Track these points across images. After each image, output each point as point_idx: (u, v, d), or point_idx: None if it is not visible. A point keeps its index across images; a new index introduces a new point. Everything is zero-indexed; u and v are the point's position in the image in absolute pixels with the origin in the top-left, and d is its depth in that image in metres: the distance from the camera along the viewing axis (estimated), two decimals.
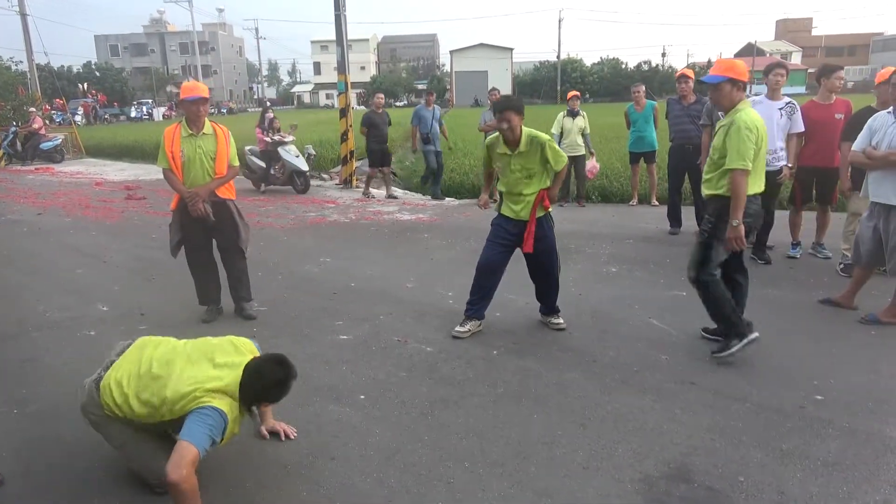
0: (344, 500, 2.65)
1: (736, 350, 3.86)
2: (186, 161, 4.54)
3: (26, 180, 14.14)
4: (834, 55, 64.79)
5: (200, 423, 2.44)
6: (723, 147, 3.76)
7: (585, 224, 8.10)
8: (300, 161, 11.32)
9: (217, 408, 2.48)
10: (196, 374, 2.58)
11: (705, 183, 3.98)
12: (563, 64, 64.62)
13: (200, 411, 2.46)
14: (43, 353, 4.26)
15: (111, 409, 2.62)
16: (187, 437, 2.40)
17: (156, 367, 2.64)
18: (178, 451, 2.35)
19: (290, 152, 11.20)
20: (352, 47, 35.89)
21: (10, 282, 6.01)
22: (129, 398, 2.59)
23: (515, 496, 2.66)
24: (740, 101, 3.81)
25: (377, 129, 10.47)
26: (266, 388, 2.61)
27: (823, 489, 2.65)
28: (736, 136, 3.67)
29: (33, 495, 2.70)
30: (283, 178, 11.42)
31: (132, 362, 2.71)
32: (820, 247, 6.26)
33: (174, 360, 2.67)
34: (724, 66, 3.85)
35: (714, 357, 3.93)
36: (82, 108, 42.00)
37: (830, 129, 5.83)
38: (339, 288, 5.62)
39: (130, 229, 8.45)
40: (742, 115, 3.72)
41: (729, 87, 3.79)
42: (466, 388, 3.64)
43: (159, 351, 2.75)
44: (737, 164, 3.66)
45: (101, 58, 69.75)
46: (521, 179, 4.26)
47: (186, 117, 4.57)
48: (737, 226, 3.72)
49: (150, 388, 2.58)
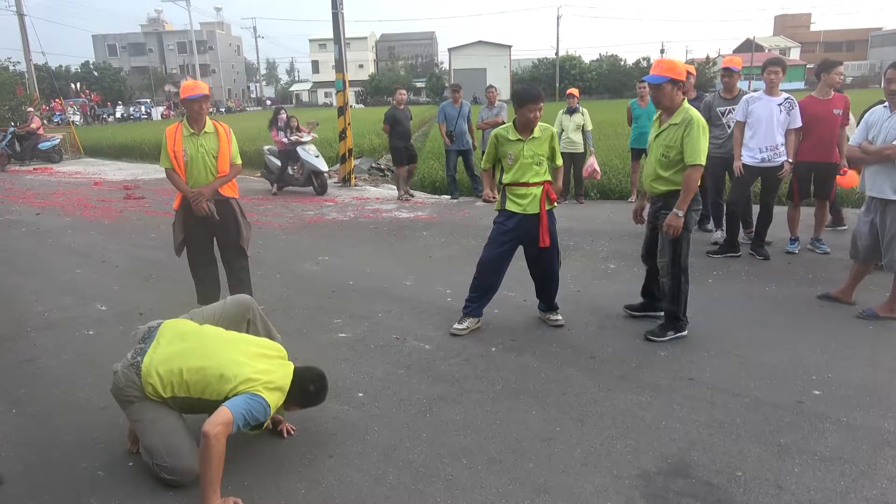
0: (342, 498, 2.66)
1: (667, 340, 4.15)
2: (189, 160, 4.53)
3: (25, 180, 14.14)
4: (832, 51, 64.83)
5: (245, 404, 2.60)
6: (679, 144, 3.93)
7: (584, 221, 8.10)
8: (320, 161, 10.93)
9: (267, 401, 2.66)
10: (260, 364, 2.78)
11: (658, 180, 4.12)
12: (561, 61, 64.58)
13: (253, 397, 2.63)
14: (42, 353, 4.26)
15: (155, 389, 2.73)
16: (230, 405, 2.57)
17: (211, 343, 2.85)
18: (218, 412, 2.54)
19: (309, 152, 10.85)
20: (350, 45, 35.91)
21: (9, 282, 6.01)
22: (181, 372, 2.72)
23: (514, 492, 2.66)
24: (682, 100, 4.00)
25: (400, 126, 10.12)
26: (309, 396, 2.92)
27: (821, 483, 2.66)
28: (695, 134, 3.86)
29: (33, 495, 2.70)
30: (302, 178, 11.08)
31: (176, 342, 2.84)
32: (818, 242, 6.26)
33: (230, 342, 2.88)
34: (664, 67, 3.99)
35: (647, 338, 4.18)
36: (80, 108, 41.93)
37: (828, 124, 5.84)
38: (338, 286, 5.62)
39: (129, 229, 8.45)
40: (695, 113, 3.94)
41: (670, 87, 3.96)
42: (465, 386, 3.65)
43: (206, 330, 2.95)
44: (697, 161, 3.87)
45: (99, 57, 69.67)
46: (531, 166, 4.26)
47: (187, 116, 4.56)
48: (681, 216, 3.96)
49: (206, 362, 2.74)
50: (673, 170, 4.03)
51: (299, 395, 2.88)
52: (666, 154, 4.02)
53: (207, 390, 2.70)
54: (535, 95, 4.16)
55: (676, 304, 4.17)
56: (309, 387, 2.90)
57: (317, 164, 10.82)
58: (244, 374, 2.69)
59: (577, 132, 9.26)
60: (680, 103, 4.01)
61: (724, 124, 6.41)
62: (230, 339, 2.93)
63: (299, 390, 2.87)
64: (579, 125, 9.28)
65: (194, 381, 2.71)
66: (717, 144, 6.46)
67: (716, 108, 6.46)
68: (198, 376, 2.71)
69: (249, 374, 2.69)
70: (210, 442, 2.44)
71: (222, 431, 2.48)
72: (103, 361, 3.10)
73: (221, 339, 2.90)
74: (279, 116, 11.21)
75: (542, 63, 68.08)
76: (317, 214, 9.28)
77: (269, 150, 11.56)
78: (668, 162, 4.03)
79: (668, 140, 4.01)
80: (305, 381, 2.89)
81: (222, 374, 2.69)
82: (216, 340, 2.87)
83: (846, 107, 5.87)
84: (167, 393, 2.73)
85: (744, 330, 4.37)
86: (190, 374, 2.71)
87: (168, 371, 2.73)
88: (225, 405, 2.56)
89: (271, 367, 2.81)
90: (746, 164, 5.88)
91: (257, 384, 2.67)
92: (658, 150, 4.08)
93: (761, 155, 5.79)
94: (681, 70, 3.96)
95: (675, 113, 4.01)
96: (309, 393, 2.91)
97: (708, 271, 5.76)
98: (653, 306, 4.55)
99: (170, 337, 2.86)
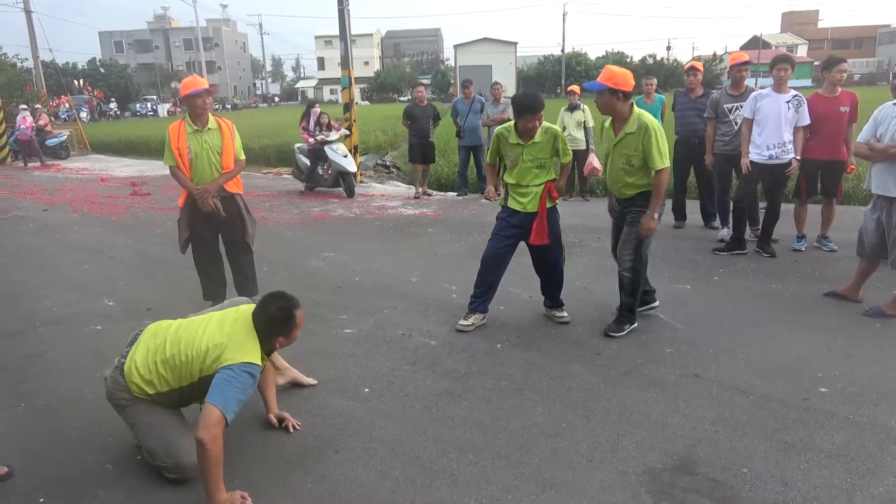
0: (349, 493, 2.67)
1: (625, 333, 4.24)
2: (193, 157, 4.50)
3: (32, 177, 14.21)
4: (840, 48, 64.44)
5: (228, 385, 2.54)
6: (640, 152, 3.99)
7: (590, 218, 8.08)
8: (348, 161, 10.39)
9: (246, 363, 2.60)
10: (219, 332, 2.72)
11: (626, 186, 4.18)
12: (567, 58, 64.37)
13: (229, 371, 2.57)
14: (49, 348, 4.29)
15: (140, 388, 2.73)
16: (213, 400, 2.50)
17: (180, 331, 2.80)
18: (205, 413, 2.47)
19: (336, 151, 10.32)
20: (355, 42, 35.88)
21: (17, 278, 6.05)
22: (157, 366, 2.72)
23: (519, 488, 2.67)
24: (630, 108, 4.04)
25: (416, 123, 10.02)
26: (279, 320, 2.75)
27: (827, 480, 2.66)
28: (655, 140, 3.92)
29: (41, 488, 2.72)
30: (331, 179, 10.60)
31: (151, 339, 2.83)
32: (825, 239, 6.24)
33: (193, 324, 2.83)
34: (606, 76, 4.03)
35: (607, 335, 4.23)
36: (87, 104, 42.04)
37: (835, 122, 5.81)
38: (344, 282, 5.63)
39: (135, 225, 8.49)
40: (648, 118, 3.99)
41: (608, 94, 3.99)
42: (470, 381, 3.65)
43: (176, 324, 2.91)
44: (663, 165, 3.96)
45: (106, 54, 69.76)
46: (531, 170, 4.27)
47: (190, 113, 4.53)
48: (656, 218, 4.08)
49: (177, 349, 2.72)
50: (638, 175, 4.09)
51: (270, 326, 2.74)
52: (629, 162, 4.08)
53: (182, 376, 2.70)
54: (531, 106, 4.15)
55: (634, 296, 4.27)
56: (272, 311, 2.74)
57: (344, 165, 10.31)
58: (205, 346, 2.65)
59: (579, 129, 9.26)
60: (630, 112, 4.04)
61: (731, 121, 6.38)
62: (194, 321, 2.87)
63: (265, 323, 2.73)
64: (580, 122, 9.28)
65: (169, 372, 2.71)
66: (724, 141, 6.44)
67: (723, 105, 6.44)
68: (169, 365, 2.71)
69: (211, 344, 2.65)
70: (206, 447, 2.41)
71: (217, 434, 2.44)
72: (110, 356, 3.13)
73: (188, 324, 2.86)
74: (311, 111, 10.68)
75: (548, 60, 67.84)
76: (322, 211, 9.30)
77: (299, 148, 11.12)
78: (632, 169, 4.10)
79: (629, 149, 4.05)
80: (267, 310, 2.74)
81: (187, 355, 2.68)
82: (183, 327, 2.84)
83: (854, 104, 5.83)
84: (151, 390, 2.73)
85: (750, 327, 4.36)
86: (163, 367, 2.71)
87: (146, 368, 2.73)
88: (210, 403, 2.49)
89: (234, 326, 2.74)
90: (753, 161, 5.85)
91: (224, 351, 2.62)
92: (620, 159, 4.13)
93: (769, 152, 5.76)
94: (621, 81, 3.95)
95: (628, 122, 4.05)
96: (276, 318, 2.74)
97: (714, 269, 5.75)
98: (644, 301, 4.55)
99: (148, 336, 2.86)
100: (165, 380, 2.72)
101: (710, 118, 6.55)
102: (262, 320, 2.75)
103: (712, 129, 6.56)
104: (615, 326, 4.28)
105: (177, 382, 2.72)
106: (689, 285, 5.32)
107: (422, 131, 10.05)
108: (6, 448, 3.02)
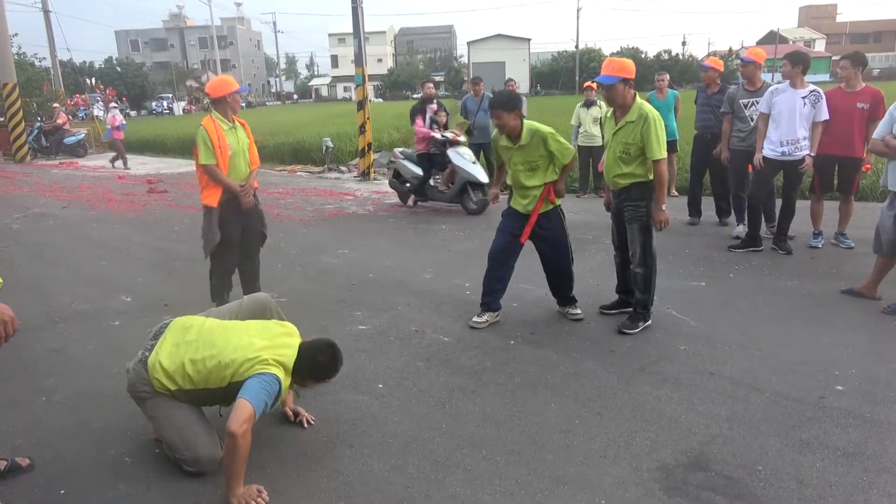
0: (363, 487, 2.69)
1: (639, 330, 4.23)
2: (232, 155, 4.49)
3: (51, 174, 14.39)
4: (859, 42, 63.56)
5: (260, 388, 2.59)
6: (639, 141, 4.00)
7: (604, 214, 8.00)
8: (477, 169, 8.39)
9: (276, 375, 2.66)
10: (259, 343, 2.76)
11: (619, 175, 4.19)
12: (581, 54, 64.05)
13: (262, 377, 2.62)
14: (69, 343, 4.36)
15: (162, 383, 2.76)
16: (247, 396, 2.54)
17: (214, 334, 2.82)
18: (239, 408, 2.51)
19: (464, 156, 8.41)
20: (369, 40, 35.91)
21: (38, 273, 6.14)
22: (185, 364, 2.74)
23: (532, 483, 2.68)
24: (633, 97, 4.07)
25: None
26: (320, 367, 2.83)
27: (843, 479, 2.64)
28: (654, 130, 3.94)
29: (62, 480, 2.77)
30: (452, 192, 8.57)
31: (179, 335, 2.86)
32: (842, 236, 6.18)
33: (230, 329, 2.86)
34: (616, 67, 4.04)
35: (621, 332, 4.22)
36: (102, 102, 42.47)
37: (851, 118, 5.73)
38: (358, 279, 5.66)
39: (152, 222, 8.58)
40: (649, 109, 4.00)
41: (622, 86, 4.02)
42: (484, 378, 3.67)
43: (208, 323, 2.93)
44: (660, 155, 3.97)
45: (122, 53, 70.52)
46: (522, 172, 4.30)
47: (223, 111, 4.49)
48: (664, 209, 4.08)
49: (209, 352, 2.74)
50: (633, 164, 4.10)
51: (309, 367, 2.80)
52: (626, 151, 4.09)
53: (210, 379, 2.72)
54: (500, 103, 4.20)
55: (648, 292, 4.27)
56: (318, 357, 2.82)
57: (475, 174, 8.30)
58: (243, 356, 2.68)
59: (596, 125, 9.21)
60: (632, 101, 4.07)
61: (746, 117, 6.32)
62: (231, 326, 2.90)
63: (309, 362, 2.80)
64: (597, 118, 9.23)
65: (197, 372, 2.72)
66: (740, 137, 6.38)
67: (738, 101, 6.38)
68: (199, 367, 2.72)
69: (249, 355, 2.68)
70: (237, 441, 2.45)
71: (248, 429, 2.48)
72: (129, 351, 3.18)
73: (223, 328, 2.89)
74: (427, 107, 8.85)
75: (562, 56, 67.58)
76: (336, 208, 9.34)
77: (401, 152, 9.31)
78: (628, 158, 4.11)
79: (627, 138, 4.07)
80: (314, 352, 2.82)
81: (220, 361, 2.70)
82: (217, 330, 2.86)
83: (876, 101, 5.71)
84: (173, 386, 2.75)
85: (765, 324, 4.33)
86: (192, 366, 2.73)
87: (172, 364, 2.75)
88: (243, 398, 2.53)
89: (274, 343, 2.79)
90: (767, 157, 5.80)
91: (258, 362, 2.66)
92: (618, 148, 4.14)
93: (782, 148, 5.70)
94: (630, 69, 4.03)
95: (629, 111, 4.06)
96: (319, 364, 2.82)
97: (729, 266, 5.71)
98: (627, 302, 4.54)
99: (175, 332, 2.88)
100: (190, 379, 2.74)
101: (726, 113, 6.49)
102: (308, 359, 2.81)
103: (728, 125, 6.50)
104: (629, 323, 4.27)
105: (203, 384, 2.74)
106: (703, 282, 5.29)
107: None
108: (28, 441, 3.08)
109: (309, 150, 15.50)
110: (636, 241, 4.21)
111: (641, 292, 4.26)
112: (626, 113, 4.07)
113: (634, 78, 4.05)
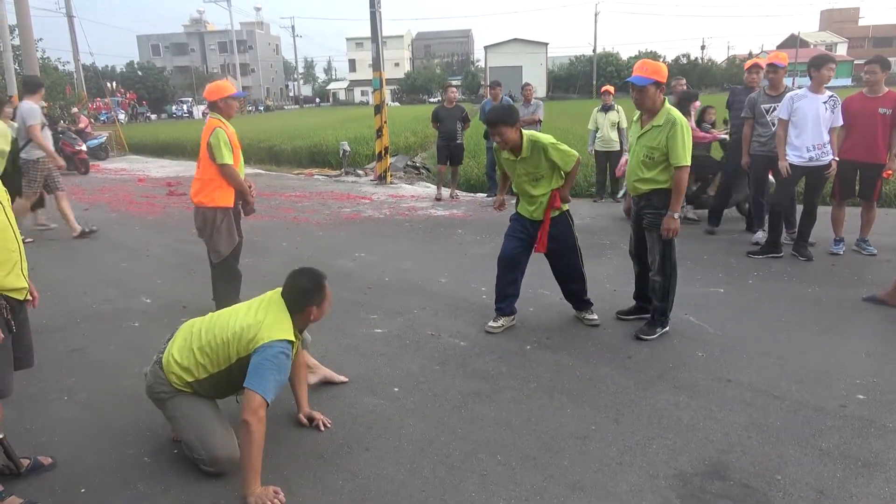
0: (379, 490, 2.70)
1: (656, 336, 4.20)
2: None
3: (73, 177, 14.59)
4: (882, 46, 62.69)
5: (265, 368, 2.62)
6: (665, 146, 3.95)
7: (621, 220, 8.00)
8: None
9: (281, 340, 2.69)
10: (250, 315, 2.81)
11: (641, 181, 4.14)
12: (598, 58, 63.86)
13: (264, 353, 2.65)
14: (90, 343, 4.42)
15: (179, 377, 2.83)
16: (252, 385, 2.59)
17: (213, 320, 2.91)
18: (247, 398, 2.57)
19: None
20: (386, 44, 36.11)
21: (60, 275, 6.23)
22: (194, 353, 2.81)
23: (548, 489, 2.67)
24: (663, 102, 4.02)
25: (444, 125, 10.06)
26: (306, 291, 2.85)
27: (864, 489, 2.60)
28: (681, 136, 3.90)
29: (83, 479, 2.81)
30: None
31: (186, 332, 2.95)
32: (864, 243, 6.09)
33: (227, 313, 2.93)
34: (649, 69, 3.99)
35: (638, 338, 4.19)
36: (121, 106, 43.05)
37: (871, 123, 5.66)
38: (374, 282, 5.68)
39: (172, 224, 8.68)
40: (677, 114, 3.96)
41: (654, 89, 3.97)
42: (500, 382, 3.66)
43: (208, 316, 3.01)
44: (684, 162, 3.91)
45: (143, 57, 71.48)
46: (527, 182, 4.30)
47: (227, 114, 4.57)
48: (678, 218, 4.03)
49: (211, 335, 2.82)
50: (656, 170, 4.05)
51: (298, 298, 2.83)
52: (650, 155, 4.04)
53: (220, 359, 2.78)
54: (490, 120, 4.18)
55: (667, 300, 4.23)
56: (301, 283, 2.84)
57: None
58: (238, 327, 2.75)
59: (613, 130, 9.18)
60: (661, 105, 4.02)
61: (767, 122, 6.25)
62: (228, 311, 2.97)
63: (295, 295, 2.83)
64: (615, 123, 9.20)
65: (206, 357, 2.80)
66: (761, 143, 6.30)
67: (760, 106, 6.31)
68: (206, 351, 2.80)
69: (243, 325, 2.74)
70: (251, 429, 2.52)
71: (262, 416, 2.56)
72: (148, 352, 3.22)
73: (221, 314, 2.96)
74: (690, 105, 7.71)
75: (579, 60, 67.45)
76: (353, 212, 9.39)
77: None
78: (651, 163, 4.05)
79: (652, 142, 4.02)
80: (295, 282, 2.85)
81: (222, 339, 2.77)
82: (216, 317, 2.94)
83: None
84: (190, 377, 2.82)
85: (785, 332, 4.28)
86: (200, 353, 2.81)
87: (182, 357, 2.83)
88: (249, 388, 2.58)
89: (266, 308, 2.82)
90: (793, 163, 5.73)
91: (259, 331, 2.70)
92: (641, 152, 4.10)
93: (809, 154, 5.63)
94: (664, 73, 3.99)
95: (657, 115, 4.02)
96: (305, 289, 2.84)
97: (748, 272, 5.65)
98: (645, 308, 4.49)
99: (183, 331, 2.98)
100: (203, 366, 2.80)
101: (748, 118, 6.41)
102: (294, 293, 2.84)
103: (749, 130, 6.42)
104: (646, 329, 4.25)
105: (215, 367, 2.80)
106: (722, 288, 5.24)
107: (449, 133, 10.09)
108: (50, 440, 3.13)
109: (326, 154, 15.58)
110: (655, 248, 4.18)
111: (659, 301, 4.23)
112: (654, 117, 4.03)
113: (665, 82, 4.01)
